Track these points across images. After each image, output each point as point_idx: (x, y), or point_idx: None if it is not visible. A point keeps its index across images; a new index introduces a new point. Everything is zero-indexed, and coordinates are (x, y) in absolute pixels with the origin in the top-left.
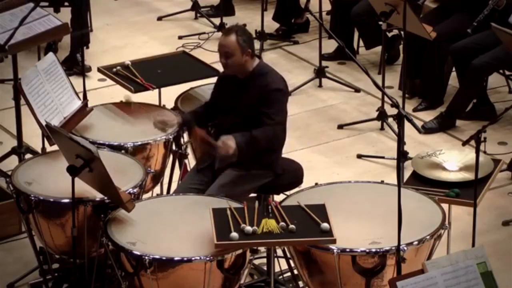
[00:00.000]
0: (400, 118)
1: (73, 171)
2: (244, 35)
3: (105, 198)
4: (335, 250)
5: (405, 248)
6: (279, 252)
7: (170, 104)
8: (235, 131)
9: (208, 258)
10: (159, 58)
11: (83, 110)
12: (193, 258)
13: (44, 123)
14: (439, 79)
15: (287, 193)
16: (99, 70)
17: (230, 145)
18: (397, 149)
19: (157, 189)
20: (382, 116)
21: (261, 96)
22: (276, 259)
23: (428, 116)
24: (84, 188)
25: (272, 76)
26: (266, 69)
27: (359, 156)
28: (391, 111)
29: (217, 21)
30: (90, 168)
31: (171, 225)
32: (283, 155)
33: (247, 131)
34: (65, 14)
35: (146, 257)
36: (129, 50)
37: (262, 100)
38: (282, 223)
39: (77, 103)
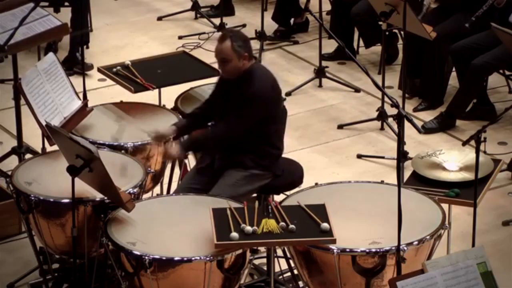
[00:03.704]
0: (400, 118)
1: (73, 171)
2: (239, 39)
3: (105, 198)
4: (335, 250)
5: (405, 248)
6: (279, 252)
7: (170, 104)
8: None
9: (208, 258)
10: (159, 58)
11: (83, 110)
12: (193, 258)
13: (44, 123)
14: (439, 79)
15: (287, 193)
16: (99, 70)
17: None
18: (397, 149)
19: (157, 189)
20: (382, 116)
21: (239, 100)
22: (276, 259)
23: (428, 116)
24: (84, 188)
25: (256, 81)
26: (253, 75)
27: (359, 156)
28: (391, 111)
29: (217, 21)
30: (90, 168)
31: (171, 225)
32: (283, 155)
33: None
34: (65, 14)
35: (146, 257)
36: (129, 50)
37: (239, 102)
38: (282, 223)
39: (77, 103)
